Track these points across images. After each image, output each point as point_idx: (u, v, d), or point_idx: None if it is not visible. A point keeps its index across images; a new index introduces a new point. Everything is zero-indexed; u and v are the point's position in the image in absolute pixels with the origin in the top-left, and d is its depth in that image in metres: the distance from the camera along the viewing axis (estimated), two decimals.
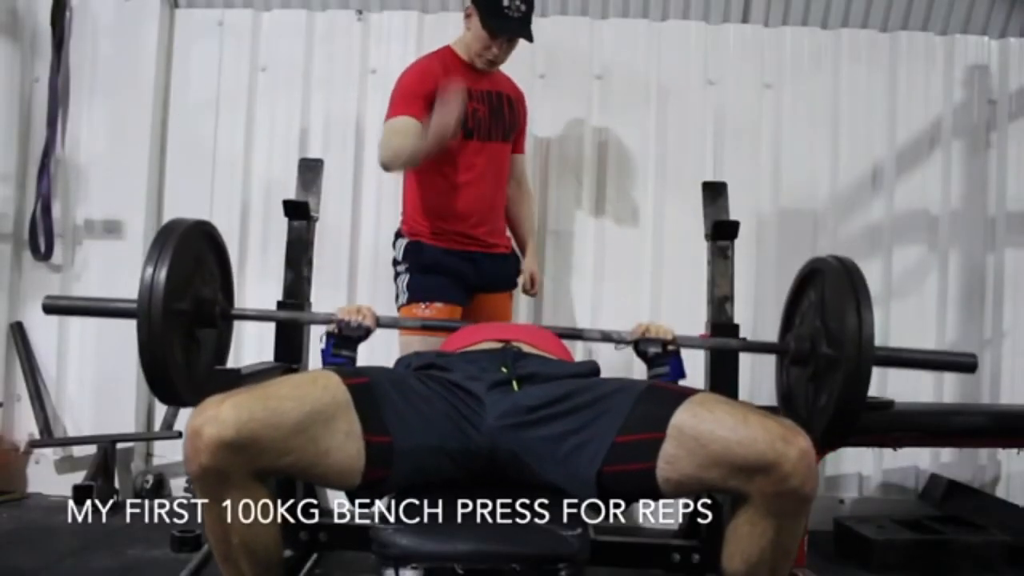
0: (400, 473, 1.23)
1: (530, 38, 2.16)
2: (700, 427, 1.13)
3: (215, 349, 1.68)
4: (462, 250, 2.20)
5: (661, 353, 1.58)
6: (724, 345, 1.83)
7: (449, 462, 1.27)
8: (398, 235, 2.28)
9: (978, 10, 2.88)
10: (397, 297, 2.22)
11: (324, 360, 1.58)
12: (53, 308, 1.62)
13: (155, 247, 1.43)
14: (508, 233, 2.40)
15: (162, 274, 1.39)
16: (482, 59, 2.17)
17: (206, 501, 1.12)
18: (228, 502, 1.11)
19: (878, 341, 1.41)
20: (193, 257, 1.54)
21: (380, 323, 1.65)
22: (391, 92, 2.15)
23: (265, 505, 1.15)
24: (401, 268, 2.22)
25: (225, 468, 1.07)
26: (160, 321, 1.39)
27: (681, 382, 1.57)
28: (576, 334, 1.83)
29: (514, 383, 1.33)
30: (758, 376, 2.72)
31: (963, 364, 1.61)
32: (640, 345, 1.61)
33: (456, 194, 2.18)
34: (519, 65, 2.38)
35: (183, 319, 1.50)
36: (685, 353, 1.63)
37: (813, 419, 1.53)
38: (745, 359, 1.91)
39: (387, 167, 2.10)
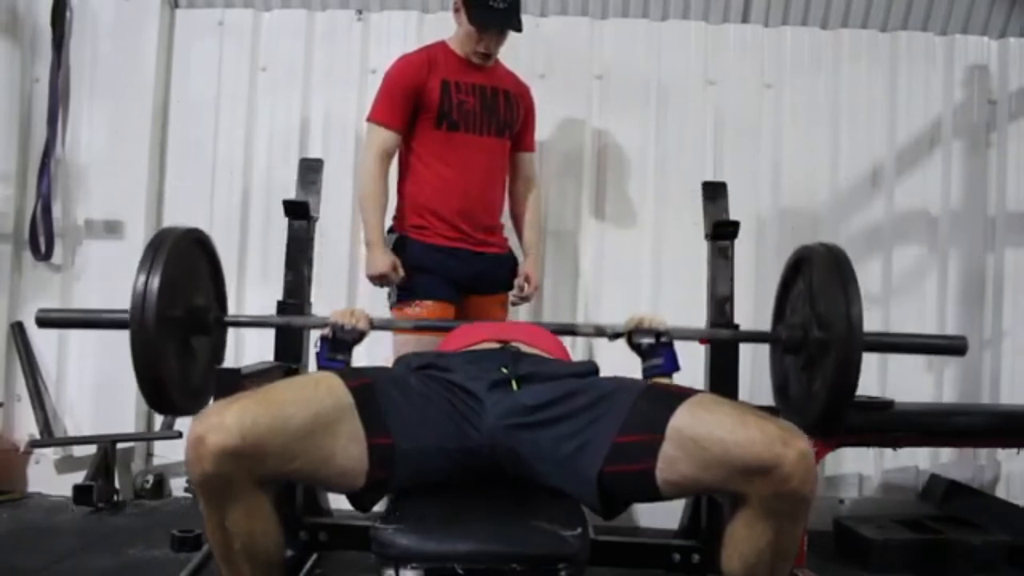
0: (402, 474, 1.22)
1: (518, 28, 2.16)
2: (699, 428, 1.13)
3: (209, 356, 1.67)
4: (447, 246, 2.17)
5: (654, 344, 1.57)
6: (717, 335, 1.84)
7: (450, 462, 1.27)
8: (389, 230, 2.25)
9: (978, 10, 2.88)
10: (388, 296, 2.21)
11: (319, 364, 1.57)
12: (46, 322, 1.61)
13: (147, 256, 1.43)
14: (505, 234, 2.38)
15: (155, 283, 1.39)
16: (476, 54, 2.18)
17: (207, 506, 1.12)
18: (230, 507, 1.11)
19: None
20: (185, 265, 1.53)
21: (374, 325, 1.64)
22: (381, 81, 2.20)
23: (266, 509, 1.15)
24: None
25: (228, 475, 1.07)
26: (154, 330, 1.39)
27: (676, 377, 1.56)
28: (569, 329, 1.84)
29: (514, 383, 1.32)
30: (758, 376, 2.73)
31: (954, 347, 1.60)
32: (633, 337, 1.60)
33: (439, 187, 2.17)
34: (519, 65, 2.38)
35: (177, 327, 1.50)
36: (685, 352, 1.62)
37: (807, 406, 1.54)
38: (745, 360, 1.91)
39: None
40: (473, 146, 2.19)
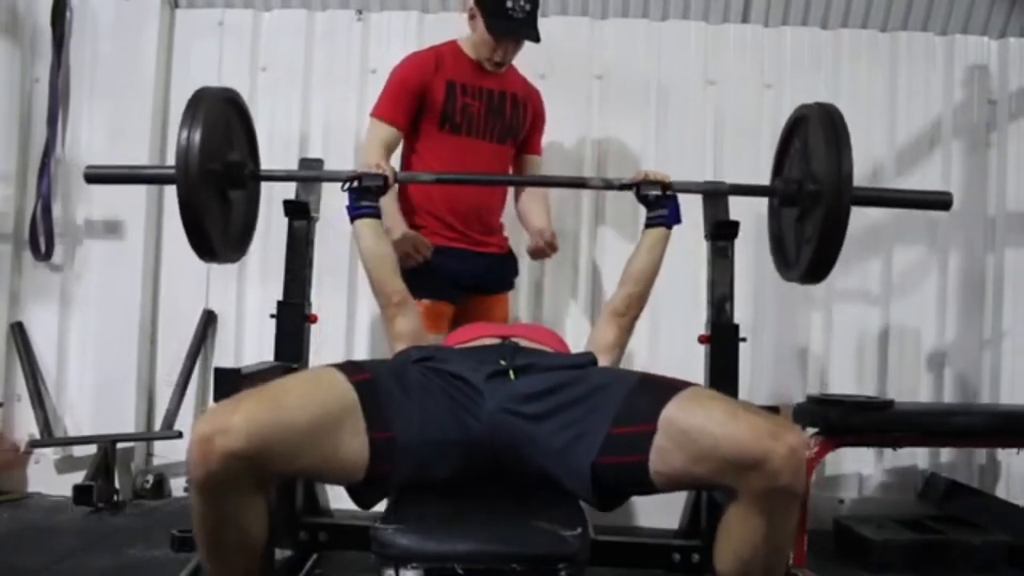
0: (403, 468, 1.23)
1: (536, 39, 2.13)
2: (690, 421, 1.14)
3: (246, 209, 1.80)
4: (446, 245, 2.16)
5: (660, 196, 1.73)
6: (716, 188, 1.88)
7: (451, 455, 1.28)
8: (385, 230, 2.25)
9: (978, 10, 2.88)
10: None
11: (350, 212, 1.73)
12: (95, 177, 1.76)
13: (187, 114, 1.53)
14: (505, 233, 2.38)
15: (196, 137, 1.49)
16: (490, 62, 2.16)
17: (205, 504, 1.11)
18: (227, 507, 1.11)
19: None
20: (223, 122, 1.64)
21: (398, 177, 1.79)
22: (387, 77, 2.19)
23: (260, 509, 1.15)
24: None
25: (232, 476, 1.07)
26: (197, 180, 1.49)
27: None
28: (580, 183, 2.02)
29: (511, 373, 1.33)
30: (758, 376, 2.74)
31: (939, 201, 1.74)
32: (641, 189, 1.73)
33: (438, 189, 2.15)
34: (519, 65, 2.38)
35: (216, 180, 1.61)
36: (685, 351, 1.64)
37: (800, 255, 1.65)
38: (745, 360, 1.91)
39: None
40: (474, 150, 2.17)
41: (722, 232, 1.94)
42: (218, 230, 1.59)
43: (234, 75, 2.89)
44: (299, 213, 1.97)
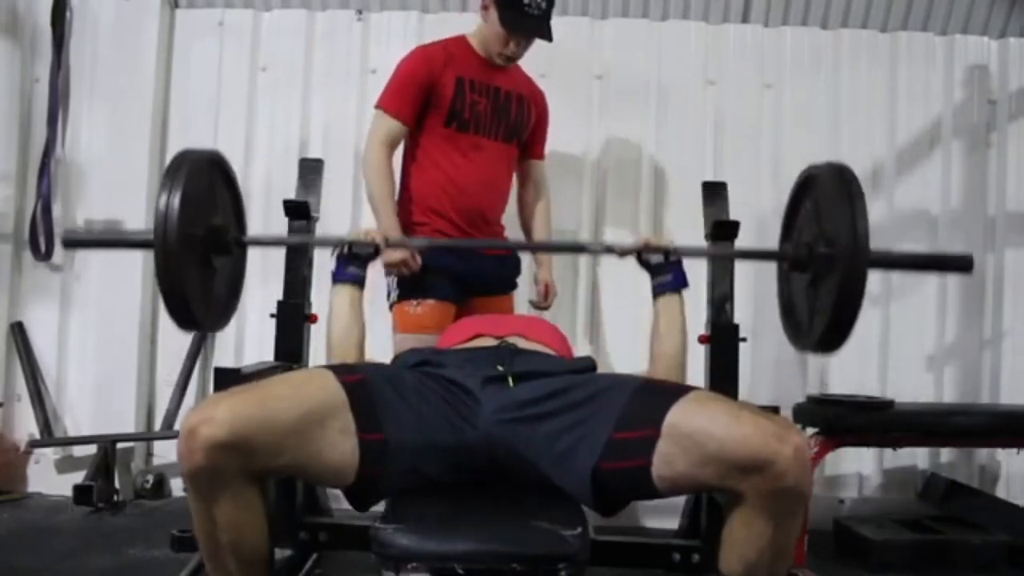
0: (394, 472, 1.22)
1: (549, 38, 2.10)
2: (694, 424, 1.13)
3: (230, 277, 1.71)
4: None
5: (663, 263, 1.61)
6: (724, 252, 1.84)
7: (445, 460, 1.27)
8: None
9: (978, 10, 2.88)
10: (388, 295, 2.16)
11: (335, 278, 1.62)
12: (72, 242, 1.69)
13: (168, 177, 1.46)
14: (507, 235, 2.37)
15: (176, 201, 1.42)
16: (500, 56, 2.12)
17: (197, 499, 1.12)
18: (219, 500, 1.11)
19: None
20: (206, 186, 1.57)
21: (389, 243, 1.69)
22: (394, 69, 2.13)
23: (256, 504, 1.16)
24: None
25: (219, 468, 1.08)
26: (176, 247, 1.42)
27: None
28: (579, 247, 1.84)
29: (509, 380, 1.32)
30: (758, 376, 2.74)
31: (959, 263, 1.60)
32: (643, 255, 1.63)
33: (443, 186, 2.13)
34: (520, 64, 2.38)
35: (198, 245, 1.54)
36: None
37: (812, 323, 1.54)
38: (745, 360, 1.91)
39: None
40: (480, 148, 2.15)
41: (722, 232, 1.95)
42: (199, 298, 1.51)
43: (234, 75, 2.91)
44: (299, 213, 1.97)
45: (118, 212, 2.83)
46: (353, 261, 1.62)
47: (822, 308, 1.49)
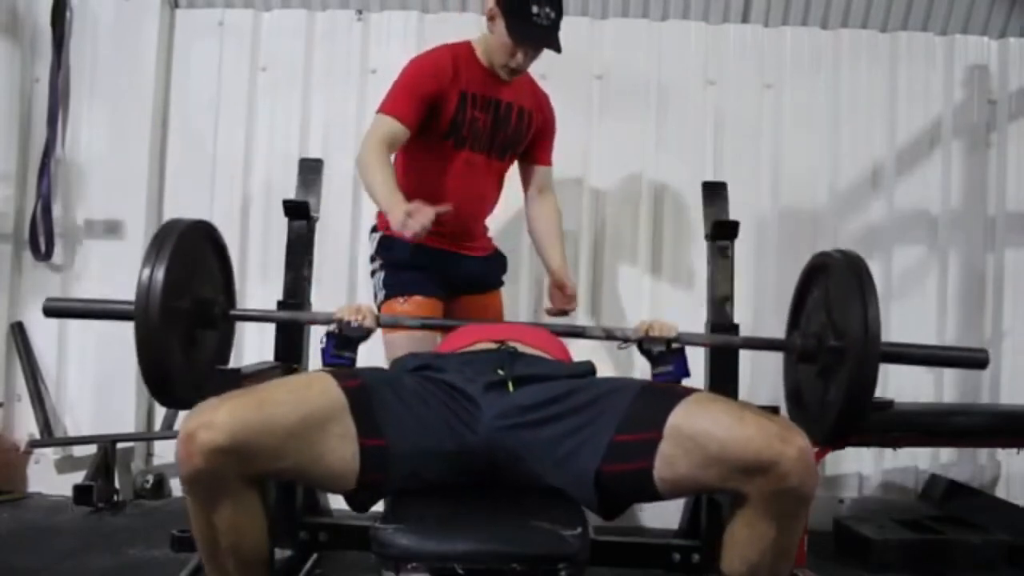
0: (395, 477, 1.22)
1: (558, 48, 2.02)
2: (696, 426, 1.13)
3: (216, 349, 1.67)
4: (433, 247, 2.08)
5: (665, 352, 1.56)
6: (728, 343, 1.82)
7: (445, 465, 1.26)
8: (373, 229, 2.17)
9: (978, 10, 2.88)
10: (375, 296, 2.12)
11: (324, 361, 1.57)
12: (53, 311, 1.64)
13: (152, 247, 1.43)
14: (489, 234, 2.31)
15: (159, 274, 1.39)
16: (505, 69, 2.04)
17: (196, 502, 1.12)
18: (218, 504, 1.11)
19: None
20: (192, 257, 1.52)
21: (380, 323, 1.65)
22: (399, 73, 2.04)
23: (255, 507, 1.15)
24: (376, 265, 2.13)
25: (218, 472, 1.07)
26: (158, 321, 1.38)
27: (685, 381, 1.56)
28: (578, 332, 1.80)
29: (510, 384, 1.32)
30: (758, 376, 2.73)
31: (974, 360, 1.57)
32: (644, 344, 1.58)
33: (429, 196, 1.97)
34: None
35: (182, 319, 1.49)
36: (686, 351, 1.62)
37: (822, 415, 1.52)
38: (745, 359, 1.91)
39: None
40: (472, 164, 2.10)
41: (722, 232, 1.94)
42: (181, 374, 1.46)
43: (234, 75, 2.91)
44: (299, 213, 1.97)
45: (118, 212, 2.84)
46: (346, 344, 1.57)
47: (831, 401, 1.47)
